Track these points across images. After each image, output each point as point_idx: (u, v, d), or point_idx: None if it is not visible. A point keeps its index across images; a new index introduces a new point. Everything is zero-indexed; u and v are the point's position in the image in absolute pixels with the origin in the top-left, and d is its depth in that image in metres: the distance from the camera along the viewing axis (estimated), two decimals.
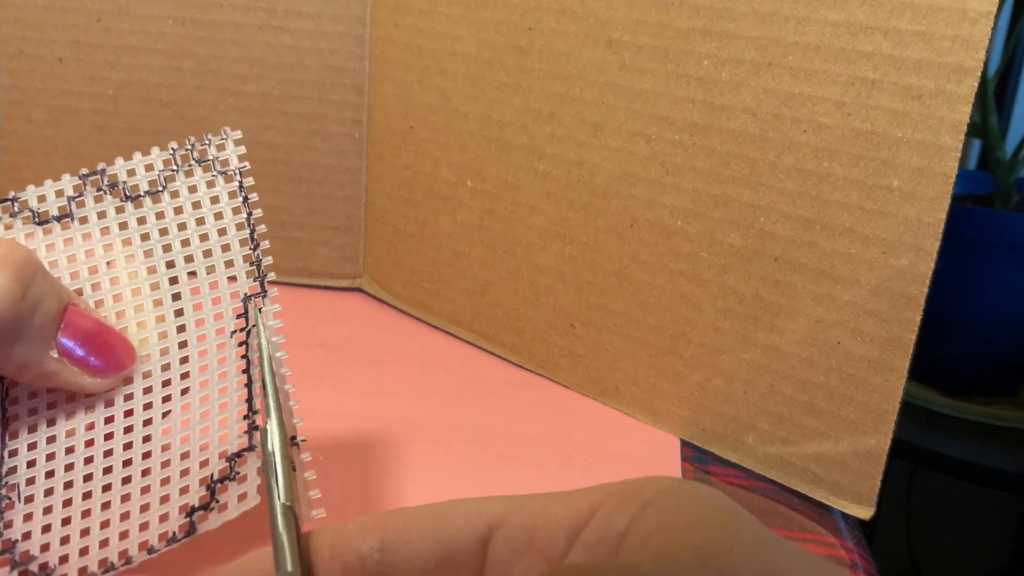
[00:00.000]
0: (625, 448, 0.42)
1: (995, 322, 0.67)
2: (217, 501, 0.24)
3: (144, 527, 0.24)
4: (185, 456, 0.25)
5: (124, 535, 0.24)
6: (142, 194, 0.28)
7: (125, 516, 0.24)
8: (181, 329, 0.27)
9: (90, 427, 0.26)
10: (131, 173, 0.29)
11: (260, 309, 0.27)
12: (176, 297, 0.28)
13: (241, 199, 0.28)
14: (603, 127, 0.43)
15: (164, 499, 0.24)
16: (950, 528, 0.97)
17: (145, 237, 0.28)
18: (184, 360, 0.27)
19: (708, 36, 0.38)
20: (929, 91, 0.33)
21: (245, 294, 0.27)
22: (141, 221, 0.28)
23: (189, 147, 0.29)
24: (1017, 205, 0.70)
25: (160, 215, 0.28)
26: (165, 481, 0.25)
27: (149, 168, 0.29)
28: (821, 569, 0.16)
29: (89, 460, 0.26)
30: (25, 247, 0.26)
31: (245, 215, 0.28)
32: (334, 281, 0.58)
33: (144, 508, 0.24)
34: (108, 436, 0.26)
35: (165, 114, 0.54)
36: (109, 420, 0.27)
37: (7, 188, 0.57)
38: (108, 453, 0.26)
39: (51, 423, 0.26)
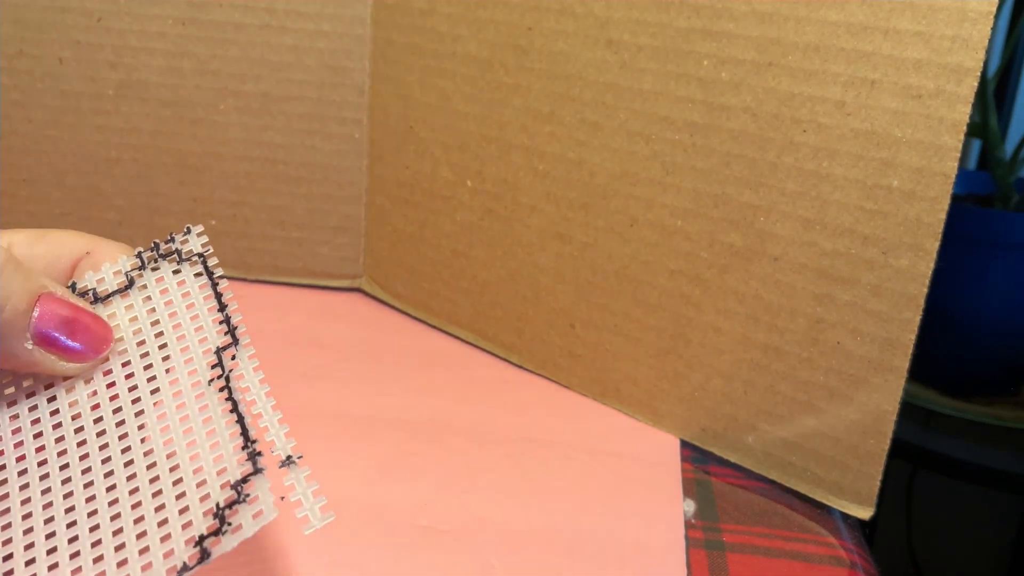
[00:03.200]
0: (625, 448, 0.42)
1: (995, 322, 0.67)
2: (229, 524, 0.23)
3: (147, 567, 0.23)
4: (180, 496, 0.24)
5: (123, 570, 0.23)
6: (112, 293, 0.30)
7: (120, 549, 0.24)
8: (152, 379, 0.28)
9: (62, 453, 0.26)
10: (100, 281, 0.30)
11: (233, 357, 0.28)
12: (144, 356, 0.28)
13: (206, 275, 0.30)
14: (603, 127, 0.43)
15: (164, 535, 0.24)
16: (950, 528, 0.97)
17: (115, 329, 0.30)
18: (158, 403, 0.27)
19: (708, 36, 0.38)
20: (929, 91, 0.33)
21: (217, 347, 0.28)
22: (110, 317, 0.29)
23: (153, 247, 0.31)
24: (1017, 205, 0.70)
25: (129, 307, 0.30)
26: (162, 523, 0.24)
27: (117, 274, 0.30)
28: None
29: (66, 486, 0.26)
30: None
31: (211, 287, 0.30)
32: (334, 281, 0.58)
33: (142, 545, 0.24)
34: (86, 468, 0.26)
35: (165, 114, 0.54)
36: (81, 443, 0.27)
37: (7, 188, 0.57)
38: (88, 483, 0.26)
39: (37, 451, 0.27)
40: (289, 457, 0.25)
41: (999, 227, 0.66)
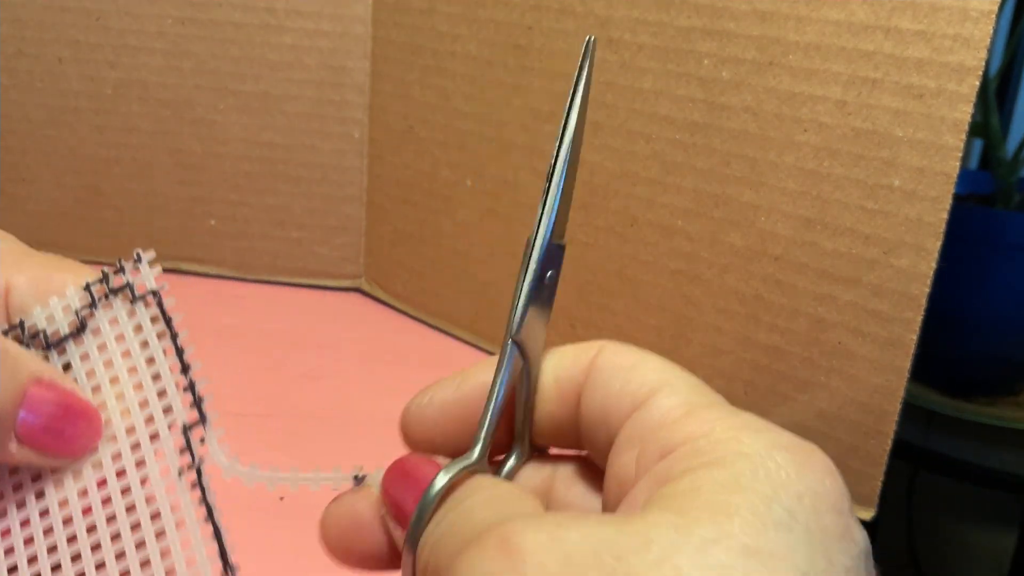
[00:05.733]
0: None
1: (997, 322, 0.67)
2: None
3: None
4: None
5: None
6: (65, 337, 0.26)
7: None
8: (121, 474, 0.24)
9: None
10: (50, 320, 0.26)
11: (202, 440, 0.24)
12: (112, 440, 0.25)
13: (163, 322, 0.26)
14: (603, 126, 0.43)
15: None
16: (951, 529, 0.97)
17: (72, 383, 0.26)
18: (131, 509, 0.24)
19: (708, 35, 0.38)
20: (930, 90, 0.33)
21: (184, 424, 0.24)
22: (66, 367, 0.26)
23: (103, 279, 0.26)
24: (1018, 205, 0.69)
25: (84, 356, 0.26)
26: None
27: (67, 310, 0.26)
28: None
29: None
30: None
31: (170, 338, 0.25)
32: (334, 281, 0.58)
33: None
34: None
35: (165, 114, 0.54)
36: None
37: (7, 188, 0.57)
38: None
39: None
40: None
41: (1001, 227, 0.66)
